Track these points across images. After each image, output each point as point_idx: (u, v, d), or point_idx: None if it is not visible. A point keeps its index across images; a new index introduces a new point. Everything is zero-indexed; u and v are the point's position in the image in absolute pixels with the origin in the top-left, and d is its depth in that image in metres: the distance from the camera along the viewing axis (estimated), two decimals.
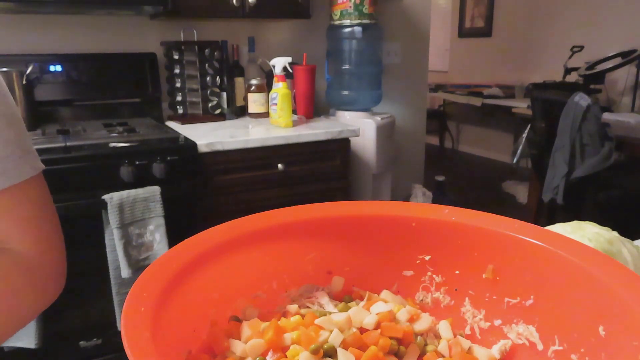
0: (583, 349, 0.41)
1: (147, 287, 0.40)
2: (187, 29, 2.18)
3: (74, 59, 2.02)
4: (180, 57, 2.10)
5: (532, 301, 0.47)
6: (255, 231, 0.51)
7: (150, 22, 2.18)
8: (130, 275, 1.56)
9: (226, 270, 0.48)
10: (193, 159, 1.71)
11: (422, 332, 0.48)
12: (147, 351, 0.33)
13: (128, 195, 1.56)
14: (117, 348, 1.68)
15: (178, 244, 0.47)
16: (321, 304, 0.52)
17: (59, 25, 2.04)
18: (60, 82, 2.00)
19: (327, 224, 0.55)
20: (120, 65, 2.11)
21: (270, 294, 0.52)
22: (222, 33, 2.28)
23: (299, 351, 0.42)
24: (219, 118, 2.18)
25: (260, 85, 2.21)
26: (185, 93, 2.15)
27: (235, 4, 2.01)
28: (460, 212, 0.54)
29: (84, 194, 1.55)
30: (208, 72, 2.14)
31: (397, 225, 0.54)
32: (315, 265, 0.54)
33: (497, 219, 0.52)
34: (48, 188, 0.63)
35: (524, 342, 0.47)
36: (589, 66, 2.53)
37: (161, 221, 1.61)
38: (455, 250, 0.52)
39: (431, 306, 0.54)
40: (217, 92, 2.18)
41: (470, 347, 0.48)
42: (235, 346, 0.44)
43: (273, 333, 0.43)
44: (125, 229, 1.56)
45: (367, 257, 0.55)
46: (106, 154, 1.60)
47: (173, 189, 1.65)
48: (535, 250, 0.46)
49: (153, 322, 0.36)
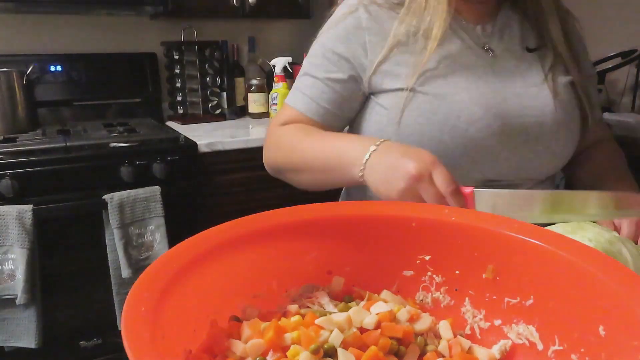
0: (583, 349, 0.41)
1: (147, 287, 0.40)
2: (187, 29, 2.18)
3: (74, 59, 2.02)
4: (180, 57, 2.11)
5: (532, 301, 0.47)
6: (255, 231, 0.51)
7: (151, 22, 2.18)
8: (130, 275, 1.56)
9: (226, 270, 0.48)
10: (193, 159, 1.71)
11: (422, 332, 0.48)
12: (147, 351, 0.33)
13: (128, 195, 1.56)
14: (117, 348, 1.68)
15: (178, 244, 0.47)
16: (321, 304, 0.52)
17: (59, 25, 2.04)
18: (60, 82, 2.00)
19: (327, 224, 0.55)
20: (120, 65, 2.11)
21: (270, 294, 0.52)
22: (222, 33, 2.28)
23: (299, 351, 0.42)
24: (219, 118, 2.19)
25: (260, 85, 2.21)
26: (186, 93, 2.15)
27: (235, 4, 2.01)
28: (460, 212, 0.54)
29: (84, 194, 1.55)
30: (208, 72, 2.14)
31: (397, 225, 0.54)
32: (315, 265, 0.54)
33: (497, 219, 0.52)
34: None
35: (524, 342, 0.47)
36: None
37: (161, 221, 1.61)
38: (455, 250, 0.52)
39: (431, 306, 0.54)
40: (217, 92, 2.19)
41: (470, 347, 0.48)
42: (235, 346, 0.44)
43: (273, 333, 0.43)
44: (126, 229, 1.56)
45: (367, 257, 0.55)
46: (106, 154, 1.60)
47: (173, 189, 1.65)
48: (535, 250, 0.46)
49: (153, 322, 0.36)
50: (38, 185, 1.49)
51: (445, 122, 0.75)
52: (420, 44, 0.76)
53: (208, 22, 2.25)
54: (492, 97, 0.76)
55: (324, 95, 0.81)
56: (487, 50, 0.80)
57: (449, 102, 0.75)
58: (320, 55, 0.83)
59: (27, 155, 1.52)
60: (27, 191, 1.48)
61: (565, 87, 0.80)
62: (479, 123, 0.75)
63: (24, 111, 1.85)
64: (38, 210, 1.45)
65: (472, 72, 0.77)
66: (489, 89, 0.77)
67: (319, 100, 0.82)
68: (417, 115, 0.76)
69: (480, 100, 0.75)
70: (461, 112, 0.74)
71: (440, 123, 0.75)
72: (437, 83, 0.76)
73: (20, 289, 1.42)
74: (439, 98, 0.75)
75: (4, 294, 1.44)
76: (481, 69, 0.78)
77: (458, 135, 0.75)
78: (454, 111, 0.74)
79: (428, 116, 0.75)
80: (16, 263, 1.43)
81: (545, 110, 0.77)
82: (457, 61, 0.77)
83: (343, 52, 0.80)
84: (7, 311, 1.47)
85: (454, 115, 0.74)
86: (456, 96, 0.75)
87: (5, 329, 1.48)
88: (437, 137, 0.75)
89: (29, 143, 1.62)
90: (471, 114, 0.74)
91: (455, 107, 0.75)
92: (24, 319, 1.48)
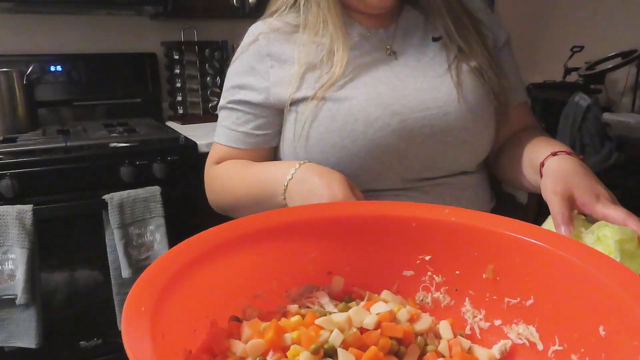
0: (583, 349, 0.41)
1: (147, 287, 0.40)
2: (187, 29, 2.18)
3: (74, 59, 2.02)
4: (180, 57, 2.11)
5: (532, 301, 0.47)
6: (255, 231, 0.51)
7: (150, 22, 2.18)
8: (130, 275, 1.56)
9: (226, 270, 0.48)
10: (193, 159, 1.71)
11: (422, 332, 0.48)
12: (147, 351, 0.33)
13: (128, 195, 1.56)
14: (117, 348, 1.68)
15: (178, 244, 0.47)
16: (321, 304, 0.52)
17: (59, 25, 2.04)
18: (60, 82, 2.00)
19: (327, 224, 0.55)
20: (120, 65, 2.11)
21: (270, 294, 0.52)
22: (222, 33, 2.27)
23: (299, 351, 0.42)
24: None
25: None
26: (186, 93, 2.15)
27: (235, 4, 2.01)
28: (460, 212, 0.54)
29: (84, 194, 1.55)
30: (208, 72, 2.14)
31: (397, 225, 0.54)
32: (315, 265, 0.54)
33: (497, 219, 0.52)
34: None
35: (524, 342, 0.47)
36: (589, 66, 2.52)
37: (161, 221, 1.61)
38: (455, 250, 0.52)
39: (431, 306, 0.54)
40: (217, 92, 2.19)
41: (470, 347, 0.48)
42: (235, 346, 0.44)
43: (273, 333, 0.43)
44: (126, 229, 1.56)
45: (367, 257, 0.55)
46: (106, 154, 1.60)
47: (173, 189, 1.65)
48: (535, 250, 0.46)
49: (153, 322, 0.36)
50: (38, 185, 1.49)
51: (344, 127, 0.74)
52: (327, 64, 0.77)
53: (208, 22, 2.25)
54: (391, 96, 0.75)
55: (239, 121, 0.83)
56: (390, 53, 0.80)
57: (346, 106, 0.75)
58: (229, 87, 0.85)
59: (27, 155, 1.52)
60: (27, 191, 1.48)
61: (470, 73, 0.78)
62: (377, 123, 0.74)
63: (24, 111, 1.85)
64: (38, 210, 1.45)
65: (372, 75, 0.77)
66: (388, 88, 0.76)
67: (236, 127, 0.83)
68: (318, 125, 0.76)
69: (377, 101, 0.75)
70: (358, 115, 0.74)
71: (339, 129, 0.74)
72: (337, 90, 0.76)
73: (20, 289, 1.42)
74: (337, 103, 0.75)
75: (4, 294, 1.44)
76: (381, 71, 0.78)
77: (358, 138, 0.74)
78: (352, 114, 0.74)
79: (327, 124, 0.75)
80: (16, 263, 1.43)
81: (448, 100, 0.76)
82: (358, 67, 0.78)
83: (249, 82, 0.82)
84: (7, 311, 1.47)
85: (351, 119, 0.74)
86: (353, 100, 0.75)
87: (5, 329, 1.48)
88: (339, 144, 0.75)
89: (29, 143, 1.62)
90: (367, 115, 0.74)
91: (352, 110, 0.74)
92: (24, 319, 1.48)
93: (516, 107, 0.85)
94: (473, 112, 0.77)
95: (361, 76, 0.77)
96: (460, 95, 0.76)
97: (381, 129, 0.74)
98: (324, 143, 0.76)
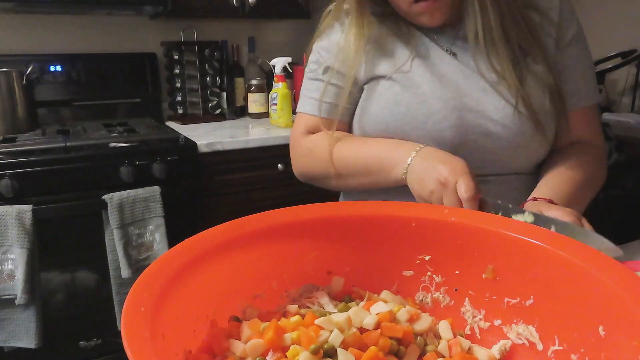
0: (583, 349, 0.41)
1: (147, 287, 0.40)
2: (187, 29, 2.18)
3: (74, 59, 2.02)
4: (180, 57, 2.10)
5: (532, 301, 0.47)
6: (255, 231, 0.51)
7: (150, 22, 2.18)
8: (130, 275, 1.56)
9: (226, 270, 0.48)
10: (193, 159, 1.71)
11: (422, 332, 0.48)
12: (147, 351, 0.33)
13: (128, 195, 1.56)
14: (117, 348, 1.68)
15: (178, 244, 0.47)
16: (321, 304, 0.52)
17: (59, 25, 2.04)
18: (60, 82, 2.00)
19: (327, 224, 0.55)
20: (120, 65, 2.11)
21: (270, 294, 0.52)
22: (222, 33, 2.27)
23: (299, 351, 0.42)
24: (219, 118, 2.18)
25: (260, 85, 2.21)
26: (185, 93, 2.15)
27: (235, 4, 2.01)
28: (460, 212, 0.54)
29: (84, 194, 1.55)
30: (208, 72, 2.14)
31: (397, 225, 0.54)
32: (315, 265, 0.54)
33: (497, 219, 0.52)
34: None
35: (524, 342, 0.47)
36: None
37: (161, 221, 1.61)
38: (455, 250, 0.52)
39: (431, 306, 0.55)
40: (217, 92, 2.19)
41: (470, 347, 0.48)
42: (235, 346, 0.44)
43: (273, 333, 0.43)
44: (125, 229, 1.56)
45: (367, 257, 0.55)
46: (106, 154, 1.60)
47: (173, 189, 1.65)
48: (535, 250, 0.46)
49: (153, 322, 0.36)
50: (38, 185, 1.49)
51: (406, 113, 0.79)
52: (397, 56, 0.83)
53: (208, 22, 2.25)
54: (453, 92, 0.79)
55: (327, 93, 0.86)
56: (450, 53, 0.82)
57: (412, 94, 0.79)
58: (314, 60, 0.89)
59: (26, 155, 1.52)
60: (27, 191, 1.48)
61: (530, 79, 0.78)
62: (436, 116, 0.78)
63: (23, 111, 1.85)
64: (38, 210, 1.45)
65: (437, 71, 0.81)
66: (450, 84, 0.79)
67: (324, 98, 0.86)
68: (383, 107, 0.81)
69: (441, 94, 0.78)
70: (421, 105, 0.78)
71: (402, 114, 0.79)
72: (407, 76, 0.80)
73: (20, 289, 1.42)
74: (404, 89, 0.80)
75: (4, 294, 1.44)
76: (445, 66, 0.81)
77: (417, 127, 0.79)
78: (416, 103, 0.79)
79: (391, 107, 0.80)
80: (16, 263, 1.43)
81: (506, 105, 0.77)
82: (424, 64, 0.81)
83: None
84: (7, 311, 1.47)
85: (414, 107, 0.79)
86: (419, 89, 0.79)
87: (5, 329, 1.48)
88: (400, 128, 0.80)
89: (28, 143, 1.62)
90: (430, 106, 0.78)
91: (417, 99, 0.79)
92: (23, 319, 1.48)
93: (576, 113, 0.84)
94: (530, 118, 0.78)
95: (427, 70, 0.81)
96: (518, 101, 0.77)
97: (439, 122, 0.78)
98: (386, 124, 0.81)
